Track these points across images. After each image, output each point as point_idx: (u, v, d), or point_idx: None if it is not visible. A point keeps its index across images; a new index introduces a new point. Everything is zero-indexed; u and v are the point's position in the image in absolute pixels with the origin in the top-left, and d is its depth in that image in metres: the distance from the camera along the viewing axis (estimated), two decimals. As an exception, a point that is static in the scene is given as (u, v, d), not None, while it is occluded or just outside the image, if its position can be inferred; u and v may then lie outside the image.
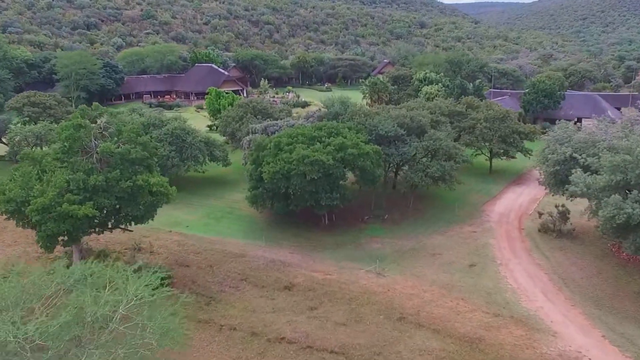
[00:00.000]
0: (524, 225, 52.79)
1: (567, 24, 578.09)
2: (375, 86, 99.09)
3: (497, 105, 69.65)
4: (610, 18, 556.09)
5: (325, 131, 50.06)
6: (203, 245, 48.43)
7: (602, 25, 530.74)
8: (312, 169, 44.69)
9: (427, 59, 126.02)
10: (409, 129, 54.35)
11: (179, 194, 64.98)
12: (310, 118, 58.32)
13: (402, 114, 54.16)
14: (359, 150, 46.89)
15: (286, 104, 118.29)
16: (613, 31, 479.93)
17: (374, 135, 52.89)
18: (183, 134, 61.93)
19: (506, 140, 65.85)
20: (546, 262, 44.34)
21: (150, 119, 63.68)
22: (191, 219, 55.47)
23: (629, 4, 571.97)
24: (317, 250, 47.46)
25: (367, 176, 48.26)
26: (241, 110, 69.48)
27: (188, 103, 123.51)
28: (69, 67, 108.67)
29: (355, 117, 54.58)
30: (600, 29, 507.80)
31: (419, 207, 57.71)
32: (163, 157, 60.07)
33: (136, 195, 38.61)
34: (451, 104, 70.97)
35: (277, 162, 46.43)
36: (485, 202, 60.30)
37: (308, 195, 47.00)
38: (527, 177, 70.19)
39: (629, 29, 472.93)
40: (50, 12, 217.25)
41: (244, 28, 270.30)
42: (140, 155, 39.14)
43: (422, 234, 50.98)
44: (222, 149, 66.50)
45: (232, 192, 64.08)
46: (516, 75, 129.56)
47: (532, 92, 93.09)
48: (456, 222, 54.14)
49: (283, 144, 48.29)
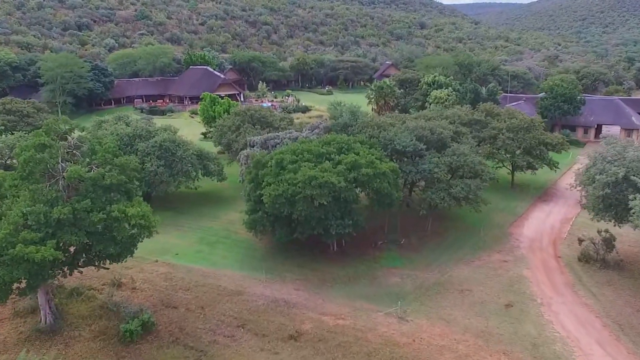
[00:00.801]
0: (560, 253, 46.38)
1: (566, 24, 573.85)
2: (381, 90, 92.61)
3: (521, 114, 63.27)
4: (610, 19, 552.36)
5: (335, 146, 43.53)
6: (194, 279, 41.79)
7: (602, 26, 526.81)
8: (320, 193, 38.16)
9: (434, 61, 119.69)
10: (428, 142, 47.85)
11: (168, 214, 59.19)
12: (316, 130, 51.88)
13: (420, 125, 47.69)
14: (374, 170, 40.38)
15: (286, 109, 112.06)
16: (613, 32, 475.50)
17: (389, 150, 46.40)
18: (173, 146, 55.30)
19: (531, 152, 59.50)
20: (595, 302, 37.91)
21: (136, 130, 57.03)
22: (181, 244, 48.81)
23: (628, 4, 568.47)
24: (326, 285, 40.90)
25: (384, 199, 41.74)
26: (238, 119, 62.89)
27: (182, 108, 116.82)
28: (54, 70, 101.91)
29: (367, 129, 48.12)
30: (600, 30, 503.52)
31: (438, 230, 51.25)
32: (150, 173, 53.62)
33: (111, 230, 32.03)
34: (470, 111, 64.44)
35: (280, 184, 39.89)
36: (511, 223, 53.85)
37: (315, 222, 40.49)
38: (553, 192, 63.85)
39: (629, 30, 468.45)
40: (40, 12, 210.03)
41: (241, 29, 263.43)
42: (116, 180, 32.53)
43: (446, 264, 44.50)
44: (217, 162, 59.91)
45: (228, 210, 57.45)
46: (527, 78, 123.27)
47: (550, 96, 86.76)
48: (482, 248, 47.71)
49: (286, 161, 41.74)
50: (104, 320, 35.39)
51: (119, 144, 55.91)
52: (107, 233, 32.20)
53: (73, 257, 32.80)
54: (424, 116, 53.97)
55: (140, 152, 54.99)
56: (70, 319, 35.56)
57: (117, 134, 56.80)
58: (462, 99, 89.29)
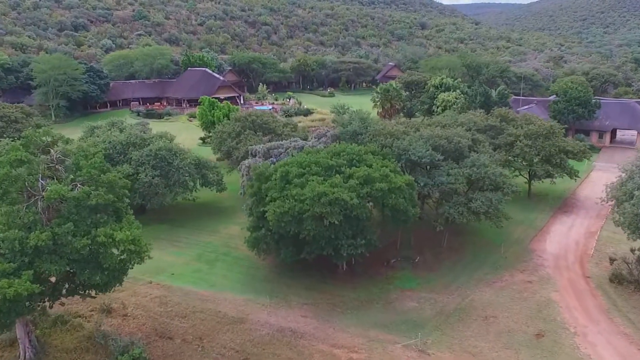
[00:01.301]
0: (588, 272, 42.74)
1: (566, 24, 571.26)
2: (387, 93, 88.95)
3: (538, 119, 59.65)
4: (611, 19, 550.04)
5: (345, 158, 39.88)
6: (192, 303, 38.14)
7: (603, 26, 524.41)
8: (331, 211, 34.51)
9: (440, 62, 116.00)
10: (444, 152, 44.22)
11: (164, 227, 55.36)
12: (323, 138, 48.24)
13: (436, 133, 44.05)
14: (389, 184, 36.74)
15: (287, 112, 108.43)
16: (615, 32, 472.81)
17: (403, 160, 42.77)
18: (169, 155, 51.66)
19: (551, 160, 55.90)
20: (634, 331, 34.30)
21: (130, 137, 53.32)
22: (178, 263, 45.16)
23: (628, 4, 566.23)
24: (336, 311, 37.25)
25: (399, 216, 38.09)
26: (238, 125, 59.22)
27: (180, 111, 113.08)
28: (46, 72, 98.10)
29: (379, 137, 44.43)
30: (601, 30, 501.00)
31: (454, 246, 47.61)
32: (144, 184, 49.98)
33: (97, 256, 28.40)
34: (484, 117, 60.86)
35: (286, 200, 36.24)
36: (532, 237, 50.21)
37: (325, 242, 36.84)
38: (573, 202, 60.23)
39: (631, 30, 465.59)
40: (36, 12, 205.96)
41: (241, 29, 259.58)
42: (103, 200, 28.92)
43: (466, 285, 40.85)
44: (216, 171, 56.24)
45: (228, 223, 53.79)
46: (535, 80, 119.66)
47: (564, 100, 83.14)
48: (504, 266, 44.08)
49: (292, 175, 38.09)
50: (91, 354, 31.81)
51: (112, 152, 52.46)
52: (93, 260, 28.60)
53: (54, 287, 29.12)
54: (438, 123, 50.33)
55: (134, 162, 51.37)
56: (53, 352, 31.94)
57: (110, 141, 53.12)
58: (472, 102, 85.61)
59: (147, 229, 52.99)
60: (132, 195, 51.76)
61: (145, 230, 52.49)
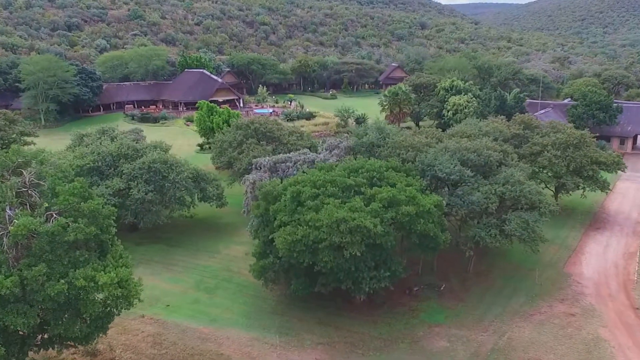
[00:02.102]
0: (637, 303, 38.00)
1: (565, 24, 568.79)
2: (396, 97, 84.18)
3: (567, 127, 54.95)
4: (609, 19, 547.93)
5: (364, 175, 35.05)
6: (189, 343, 33.22)
7: (602, 26, 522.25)
8: (352, 241, 29.71)
9: (449, 63, 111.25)
10: (473, 166, 39.46)
11: (158, 248, 49.56)
12: (335, 150, 43.43)
13: (464, 146, 39.26)
14: (417, 208, 31.93)
15: (289, 116, 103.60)
16: (614, 32, 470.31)
17: (428, 177, 37.98)
18: (164, 168, 46.72)
19: (581, 172, 51.22)
20: None
21: (121, 148, 48.33)
22: (174, 291, 40.22)
23: (627, 4, 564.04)
24: (356, 352, 32.38)
25: (428, 243, 33.33)
26: (240, 134, 54.30)
27: (176, 114, 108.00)
28: (35, 74, 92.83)
29: (400, 150, 39.58)
30: (601, 30, 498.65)
31: (481, 270, 42.86)
32: (137, 201, 45.02)
33: (76, 303, 23.53)
34: (506, 124, 56.18)
35: (298, 226, 31.41)
36: (566, 259, 45.47)
37: (344, 275, 31.98)
38: (604, 217, 55.56)
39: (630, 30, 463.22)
40: (28, 11, 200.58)
41: (238, 29, 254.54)
42: (83, 235, 24.08)
43: (500, 319, 36.07)
44: (216, 185, 51.30)
45: (229, 243, 48.92)
46: (546, 82, 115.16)
47: (583, 104, 78.52)
48: (540, 295, 39.32)
49: (305, 196, 33.25)
50: (71, 412, 26.85)
51: (101, 165, 47.51)
52: (71, 307, 23.74)
53: (22, 342, 24.18)
54: (461, 133, 45.58)
55: (126, 175, 46.44)
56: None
57: (99, 152, 48.13)
58: (486, 106, 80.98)
59: (139, 249, 48.48)
60: (123, 212, 47.50)
61: (138, 252, 47.96)
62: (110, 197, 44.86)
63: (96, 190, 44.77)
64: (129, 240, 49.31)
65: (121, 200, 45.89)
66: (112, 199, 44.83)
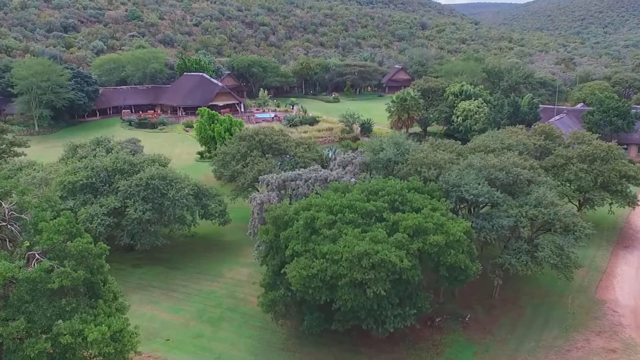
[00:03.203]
0: (682, 336, 34.70)
1: (565, 24, 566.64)
2: (404, 103, 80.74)
3: (593, 137, 51.63)
4: (609, 19, 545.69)
5: (385, 199, 31.66)
6: (192, 387, 29.83)
7: (602, 26, 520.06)
8: (375, 277, 26.33)
9: (457, 66, 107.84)
10: (501, 186, 36.16)
11: (157, 271, 44.51)
12: (349, 166, 40.08)
13: (490, 163, 35.90)
14: (446, 237, 28.55)
15: (291, 121, 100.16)
16: (614, 32, 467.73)
17: (453, 198, 34.64)
18: (163, 185, 43.26)
19: (609, 187, 47.92)
20: None
21: (116, 163, 44.86)
22: (175, 323, 36.78)
23: (627, 4, 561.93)
24: (378, 398, 29.03)
25: (457, 275, 29.91)
26: (244, 145, 50.87)
27: (175, 120, 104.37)
28: (28, 79, 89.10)
29: (421, 168, 36.20)
30: (601, 30, 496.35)
31: (507, 297, 39.54)
32: (133, 221, 41.60)
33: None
34: (526, 134, 52.93)
35: (313, 259, 28.02)
36: (597, 283, 42.17)
37: (365, 313, 28.58)
38: (631, 234, 52.28)
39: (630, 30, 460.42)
40: (24, 12, 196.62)
41: (238, 30, 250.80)
42: (70, 281, 20.68)
43: (534, 355, 32.82)
44: (218, 200, 47.87)
45: (233, 264, 45.52)
46: (556, 86, 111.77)
47: (600, 110, 75.25)
48: (574, 326, 36.01)
49: (321, 223, 29.85)
50: None
51: (95, 181, 44.04)
52: (55, 367, 20.33)
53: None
54: (484, 147, 42.22)
55: (122, 193, 42.98)
56: None
57: (93, 167, 44.66)
58: (498, 112, 77.66)
59: (136, 272, 44.98)
60: (118, 233, 44.13)
61: (135, 275, 44.41)
62: (105, 217, 41.57)
63: (89, 209, 41.70)
64: (126, 262, 46.05)
65: (116, 220, 42.59)
66: (106, 219, 41.57)
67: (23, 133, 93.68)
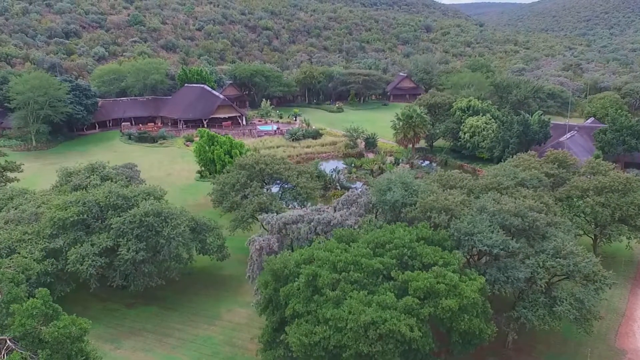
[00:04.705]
0: None
1: (570, 25, 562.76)
2: (410, 120, 78.40)
3: (609, 167, 49.19)
4: (615, 20, 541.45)
5: (393, 253, 29.39)
6: None
7: (607, 27, 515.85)
8: (384, 350, 24.08)
9: (463, 78, 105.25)
10: (517, 232, 33.88)
11: (151, 312, 40.88)
12: (353, 206, 37.86)
13: (505, 208, 33.59)
14: (459, 301, 26.27)
15: (294, 135, 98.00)
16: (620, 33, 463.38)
17: (465, 248, 32.36)
18: (158, 222, 41.05)
19: (628, 221, 45.51)
20: None
21: (109, 198, 42.68)
22: (167, 376, 34.65)
23: (632, 5, 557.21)
24: None
25: (472, 339, 27.61)
26: (244, 175, 48.69)
27: (175, 133, 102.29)
28: (25, 94, 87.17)
29: (431, 213, 33.91)
30: (607, 32, 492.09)
31: (521, 345, 37.20)
32: (126, 262, 39.47)
33: None
34: (539, 161, 50.57)
35: (315, 324, 25.81)
36: (616, 328, 39.77)
37: (371, 383, 26.32)
38: (649, 269, 49.78)
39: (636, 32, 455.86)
40: (25, 18, 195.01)
41: (241, 34, 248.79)
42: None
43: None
44: (217, 234, 45.68)
45: (231, 303, 43.36)
46: (564, 97, 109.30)
47: (613, 129, 72.74)
48: (595, 382, 33.66)
49: (324, 281, 27.62)
50: None
51: (87, 217, 41.89)
52: None
53: None
54: (496, 184, 39.84)
55: (114, 231, 40.82)
56: None
57: (85, 202, 42.53)
58: (507, 130, 75.27)
59: (130, 314, 42.55)
60: (111, 273, 42.00)
61: (128, 317, 41.87)
62: (96, 258, 39.46)
63: (80, 250, 39.63)
64: (119, 301, 43.98)
65: (108, 260, 40.48)
66: (98, 260, 39.47)
67: (20, 148, 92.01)
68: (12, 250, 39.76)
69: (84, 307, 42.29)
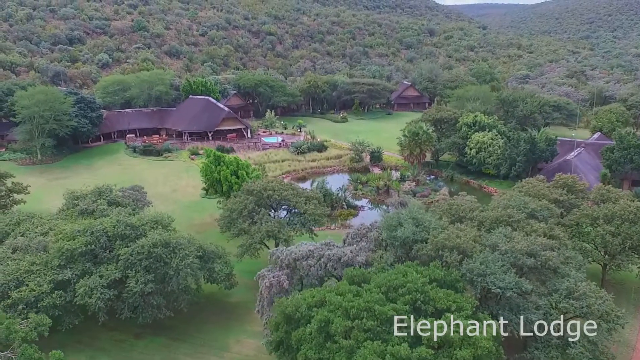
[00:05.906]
0: None
1: (573, 27, 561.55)
2: (416, 137, 78.20)
3: (619, 194, 48.92)
4: (618, 22, 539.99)
5: (406, 298, 29.17)
6: None
7: (610, 30, 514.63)
8: (398, 406, 23.84)
9: (469, 91, 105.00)
10: (529, 271, 33.70)
11: (158, 343, 41.04)
12: (363, 241, 37.70)
13: (518, 248, 33.37)
14: (474, 351, 26.05)
15: (299, 148, 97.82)
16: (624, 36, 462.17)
17: (478, 290, 32.15)
18: (166, 253, 40.89)
19: (639, 250, 45.25)
20: None
21: (117, 227, 42.54)
22: (176, 414, 34.45)
23: (636, 7, 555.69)
24: None
25: (485, 388, 27.33)
26: (251, 201, 48.53)
27: (180, 146, 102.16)
28: (30, 108, 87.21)
29: (443, 252, 33.69)
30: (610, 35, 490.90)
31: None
32: (135, 294, 39.31)
33: None
34: (547, 187, 50.34)
35: (329, 376, 25.59)
36: (628, 363, 39.46)
37: None
38: (660, 297, 49.40)
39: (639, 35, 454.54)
40: (29, 24, 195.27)
41: (244, 39, 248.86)
42: None
43: None
44: (225, 262, 45.52)
45: (240, 333, 43.16)
46: (570, 109, 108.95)
47: (620, 147, 72.41)
48: None
49: (336, 328, 27.44)
50: None
51: (95, 247, 41.78)
52: None
53: None
54: (507, 216, 39.57)
55: (122, 262, 40.67)
56: None
57: (92, 232, 42.41)
58: (514, 147, 75.00)
59: (138, 346, 42.25)
60: (119, 305, 41.83)
61: (136, 349, 41.43)
62: (105, 290, 39.32)
63: (89, 282, 39.49)
64: (126, 330, 43.79)
65: (117, 292, 40.33)
66: (106, 292, 39.34)
67: (25, 162, 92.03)
68: (21, 282, 39.75)
69: (91, 337, 42.25)
